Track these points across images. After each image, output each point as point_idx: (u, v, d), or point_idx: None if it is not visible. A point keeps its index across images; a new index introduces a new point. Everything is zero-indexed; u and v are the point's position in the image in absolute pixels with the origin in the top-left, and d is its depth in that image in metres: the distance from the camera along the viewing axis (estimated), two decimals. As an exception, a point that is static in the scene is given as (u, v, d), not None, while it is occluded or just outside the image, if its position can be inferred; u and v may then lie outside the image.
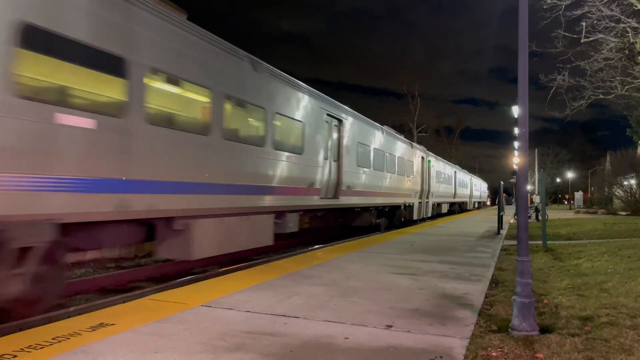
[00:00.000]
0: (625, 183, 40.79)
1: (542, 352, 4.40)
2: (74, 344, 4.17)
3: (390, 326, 4.97)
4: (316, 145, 12.81)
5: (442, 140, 77.98)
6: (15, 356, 3.84)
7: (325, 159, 13.40)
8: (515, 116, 21.63)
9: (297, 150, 11.84)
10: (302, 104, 12.18)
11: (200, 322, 4.97)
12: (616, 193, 42.27)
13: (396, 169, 20.34)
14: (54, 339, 4.27)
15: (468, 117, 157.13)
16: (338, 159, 14.36)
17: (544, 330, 5.03)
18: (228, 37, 9.36)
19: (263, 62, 10.48)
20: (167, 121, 7.75)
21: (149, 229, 7.97)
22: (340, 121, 14.62)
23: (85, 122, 6.04)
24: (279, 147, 10.84)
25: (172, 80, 7.87)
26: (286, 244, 14.82)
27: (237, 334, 4.59)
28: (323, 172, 13.19)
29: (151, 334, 4.53)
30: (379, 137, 18.38)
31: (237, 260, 12.17)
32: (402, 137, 23.23)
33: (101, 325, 4.74)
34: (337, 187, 14.11)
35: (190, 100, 8.50)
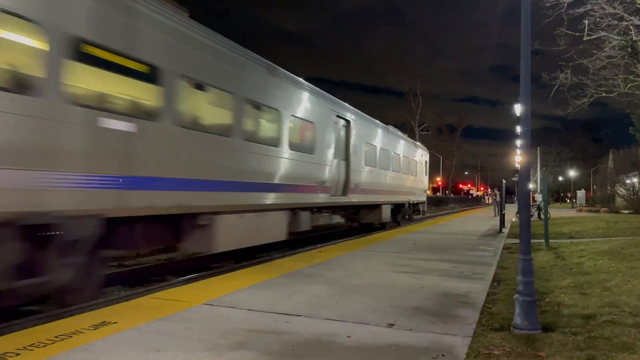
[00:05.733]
0: (628, 181, 40.69)
1: (544, 350, 4.39)
2: (76, 342, 4.18)
3: (393, 324, 4.97)
4: None
5: (444, 138, 77.95)
6: (18, 354, 3.85)
7: None
8: (518, 114, 21.60)
9: None
10: None
11: (202, 320, 4.97)
12: (619, 191, 42.14)
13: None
14: (56, 337, 4.28)
15: (470, 115, 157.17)
16: None
17: (546, 328, 5.02)
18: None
19: None
20: None
21: None
22: None
23: None
24: None
25: None
26: (288, 243, 14.83)
27: (238, 332, 4.59)
28: None
29: (153, 332, 4.54)
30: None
31: (239, 259, 12.19)
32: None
33: (103, 323, 4.75)
34: None
35: None
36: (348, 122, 14.96)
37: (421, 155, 26.12)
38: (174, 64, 7.72)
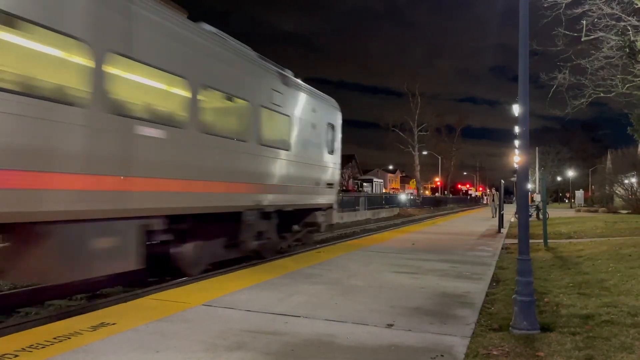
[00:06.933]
0: (626, 181, 40.72)
1: (542, 350, 4.39)
2: (75, 343, 4.18)
3: (392, 325, 4.97)
4: None
5: (443, 138, 77.81)
6: (16, 355, 3.85)
7: None
8: (516, 115, 21.55)
9: None
10: None
11: (200, 321, 4.97)
12: (617, 191, 42.16)
13: None
14: (55, 338, 4.27)
15: (469, 115, 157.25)
16: None
17: (545, 328, 5.03)
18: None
19: None
20: None
21: None
22: None
23: None
24: None
25: None
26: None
27: (237, 332, 4.59)
28: None
29: (152, 333, 4.54)
30: None
31: (239, 260, 12.17)
32: None
33: (102, 324, 4.74)
34: None
35: None
36: None
37: (313, 111, 12.83)
38: None
